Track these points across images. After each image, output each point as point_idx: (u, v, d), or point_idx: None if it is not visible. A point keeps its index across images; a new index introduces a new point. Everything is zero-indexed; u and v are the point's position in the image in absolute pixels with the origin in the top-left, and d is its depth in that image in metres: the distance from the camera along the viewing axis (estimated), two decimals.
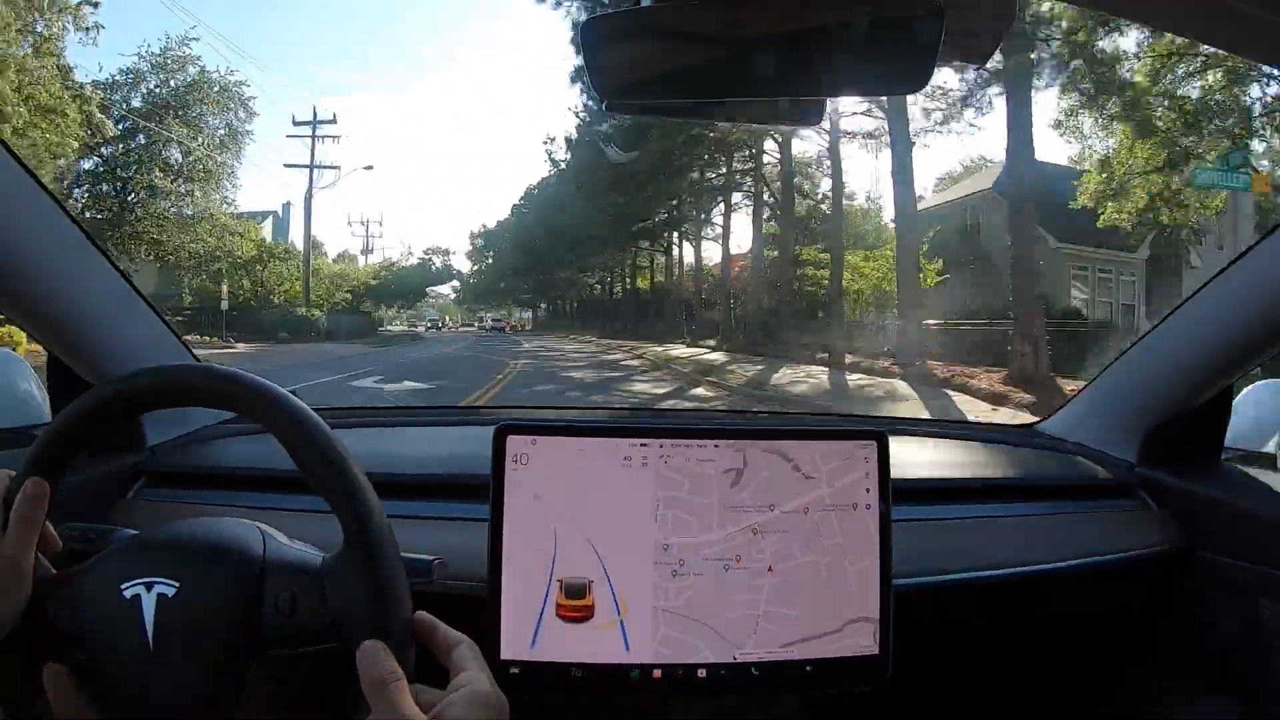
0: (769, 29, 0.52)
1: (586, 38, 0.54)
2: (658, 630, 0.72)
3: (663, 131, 14.72)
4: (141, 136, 17.49)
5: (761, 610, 0.73)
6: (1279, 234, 0.85)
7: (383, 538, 0.54)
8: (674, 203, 20.80)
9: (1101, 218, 11.98)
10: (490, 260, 40.65)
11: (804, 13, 0.52)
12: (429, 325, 44.36)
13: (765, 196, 18.16)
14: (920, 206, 15.18)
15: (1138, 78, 10.68)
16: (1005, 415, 7.57)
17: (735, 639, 0.73)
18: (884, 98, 10.62)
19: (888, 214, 20.37)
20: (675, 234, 24.04)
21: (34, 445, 0.57)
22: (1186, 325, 1.01)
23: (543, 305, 43.85)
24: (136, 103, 17.69)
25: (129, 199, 17.33)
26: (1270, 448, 1.07)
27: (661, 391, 10.57)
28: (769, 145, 16.94)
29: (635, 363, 15.38)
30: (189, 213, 18.06)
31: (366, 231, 37.71)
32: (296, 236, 25.76)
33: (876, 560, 0.75)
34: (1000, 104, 11.34)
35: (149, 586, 0.54)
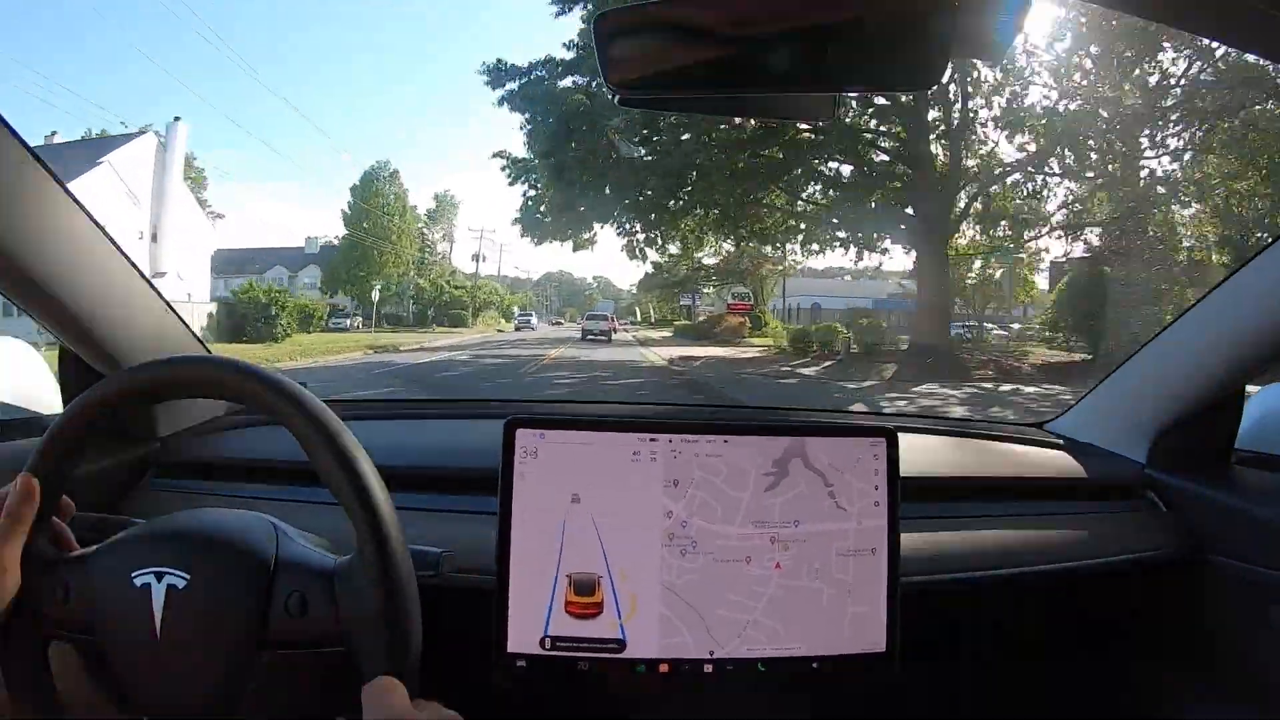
0: (781, 23, 0.52)
1: (599, 32, 0.54)
2: (662, 613, 0.72)
3: None
4: None
5: (753, 618, 0.73)
6: None
7: (396, 548, 0.54)
8: None
9: None
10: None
11: (816, 7, 0.52)
12: None
13: None
14: None
15: None
16: None
17: (720, 637, 0.72)
18: None
19: None
20: None
21: (45, 434, 0.57)
22: (1198, 326, 1.00)
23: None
24: None
25: None
26: None
27: None
28: None
29: None
30: None
31: None
32: None
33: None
34: None
35: (159, 576, 0.54)
